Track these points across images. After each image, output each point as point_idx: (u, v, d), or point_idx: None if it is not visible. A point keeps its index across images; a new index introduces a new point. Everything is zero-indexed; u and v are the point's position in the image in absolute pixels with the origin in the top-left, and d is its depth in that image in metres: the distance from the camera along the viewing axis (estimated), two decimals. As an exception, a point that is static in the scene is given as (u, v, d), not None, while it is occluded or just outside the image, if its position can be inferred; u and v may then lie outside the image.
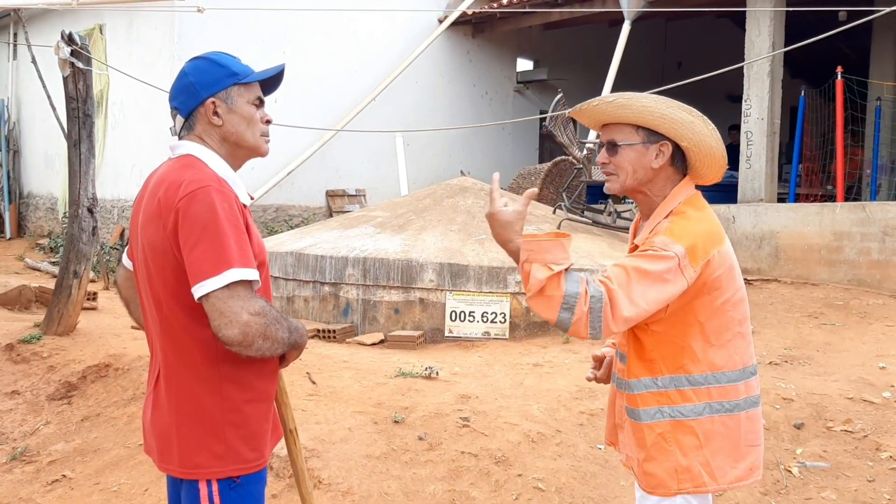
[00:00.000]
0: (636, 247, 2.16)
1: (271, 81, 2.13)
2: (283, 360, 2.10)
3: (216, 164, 1.99)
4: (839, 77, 9.21)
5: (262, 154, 2.12)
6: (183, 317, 1.92)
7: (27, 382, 5.43)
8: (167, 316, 1.95)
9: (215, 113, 2.01)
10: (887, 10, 7.36)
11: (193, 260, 1.83)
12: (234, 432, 1.95)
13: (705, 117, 2.12)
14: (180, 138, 2.05)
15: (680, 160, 2.16)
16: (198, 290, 1.82)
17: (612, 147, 2.17)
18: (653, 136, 2.13)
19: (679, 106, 2.10)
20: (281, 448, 3.91)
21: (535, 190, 2.11)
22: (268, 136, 2.12)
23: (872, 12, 7.53)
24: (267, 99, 2.14)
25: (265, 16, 10.99)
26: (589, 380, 2.46)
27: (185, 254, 1.85)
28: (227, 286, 1.80)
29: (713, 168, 2.18)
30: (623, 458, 2.31)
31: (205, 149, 2.01)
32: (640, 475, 2.19)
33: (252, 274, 1.86)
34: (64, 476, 4.25)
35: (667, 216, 2.13)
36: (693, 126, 2.10)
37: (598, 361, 2.47)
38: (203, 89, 2.00)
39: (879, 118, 10.66)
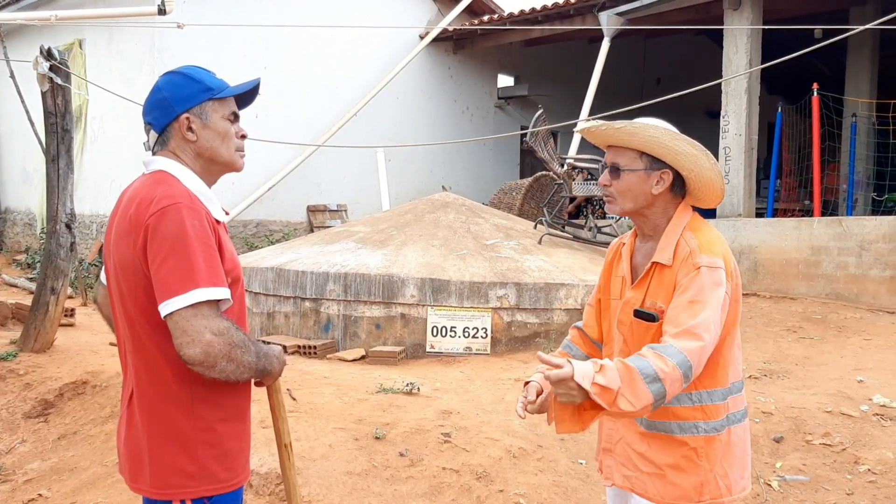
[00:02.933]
0: (649, 273, 2.17)
1: (247, 96, 2.11)
2: (258, 383, 2.09)
3: (189, 179, 1.97)
4: (815, 94, 9.34)
5: (237, 169, 2.10)
6: (154, 335, 1.90)
7: (3, 400, 5.35)
8: (139, 334, 1.92)
9: (189, 128, 1.99)
10: (862, 28, 7.48)
11: (161, 277, 1.81)
12: (206, 452, 1.92)
13: (708, 152, 2.17)
14: (154, 153, 2.03)
15: (679, 186, 2.22)
16: (164, 308, 1.80)
17: (615, 171, 2.21)
18: (655, 163, 2.17)
19: (684, 139, 2.15)
20: (260, 465, 3.90)
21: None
22: (243, 151, 2.10)
23: (847, 30, 7.65)
24: (247, 113, 2.13)
25: (246, 31, 10.99)
26: (521, 416, 2.17)
27: (153, 271, 1.83)
28: (192, 305, 1.79)
29: (711, 195, 2.23)
30: (618, 480, 2.24)
31: (178, 164, 1.99)
32: (657, 486, 2.14)
33: (220, 293, 1.84)
34: (40, 495, 4.19)
35: (681, 235, 2.16)
36: (696, 159, 2.15)
37: (535, 393, 2.19)
38: (177, 104, 1.98)
39: (855, 134, 10.81)
